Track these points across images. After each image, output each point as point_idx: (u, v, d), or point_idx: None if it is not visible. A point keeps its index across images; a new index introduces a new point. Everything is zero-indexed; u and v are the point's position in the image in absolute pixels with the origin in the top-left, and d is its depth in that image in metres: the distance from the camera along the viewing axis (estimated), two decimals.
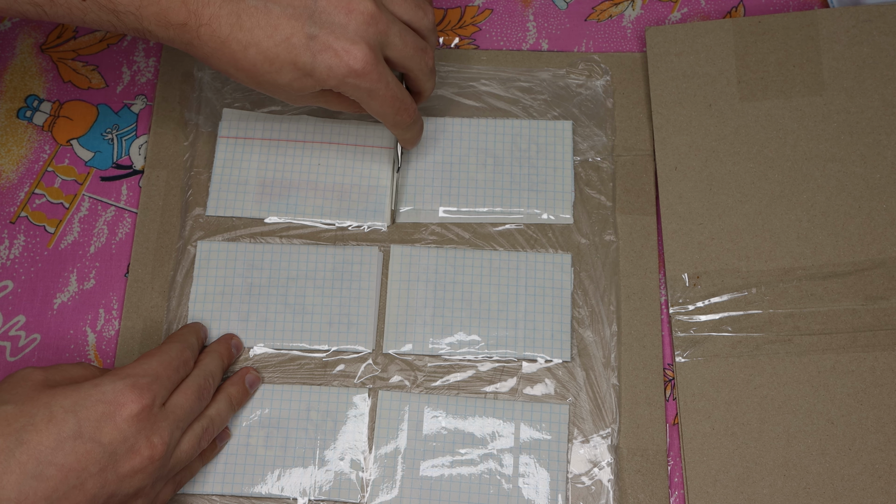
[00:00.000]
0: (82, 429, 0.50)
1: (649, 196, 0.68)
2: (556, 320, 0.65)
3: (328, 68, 0.56)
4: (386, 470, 0.62)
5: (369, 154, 0.69)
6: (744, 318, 0.64)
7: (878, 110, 0.67)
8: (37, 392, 0.51)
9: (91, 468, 0.50)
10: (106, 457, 0.50)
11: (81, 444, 0.50)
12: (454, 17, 0.73)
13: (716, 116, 0.68)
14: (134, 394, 0.52)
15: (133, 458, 0.52)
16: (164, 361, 0.56)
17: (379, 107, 0.59)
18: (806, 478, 0.61)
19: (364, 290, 0.66)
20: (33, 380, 0.52)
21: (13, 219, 0.68)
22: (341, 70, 0.56)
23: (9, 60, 0.72)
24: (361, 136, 0.69)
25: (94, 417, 0.51)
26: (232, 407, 0.61)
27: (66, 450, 0.49)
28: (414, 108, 0.61)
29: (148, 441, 0.52)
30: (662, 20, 0.73)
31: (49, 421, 0.50)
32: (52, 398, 0.51)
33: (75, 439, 0.50)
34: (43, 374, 0.53)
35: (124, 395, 0.52)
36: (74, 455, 0.49)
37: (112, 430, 0.51)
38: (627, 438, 0.63)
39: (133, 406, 0.52)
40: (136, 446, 0.52)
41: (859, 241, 0.65)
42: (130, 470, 0.52)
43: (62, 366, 0.55)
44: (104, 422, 0.51)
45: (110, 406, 0.52)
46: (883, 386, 0.62)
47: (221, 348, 0.62)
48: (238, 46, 0.55)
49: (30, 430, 0.49)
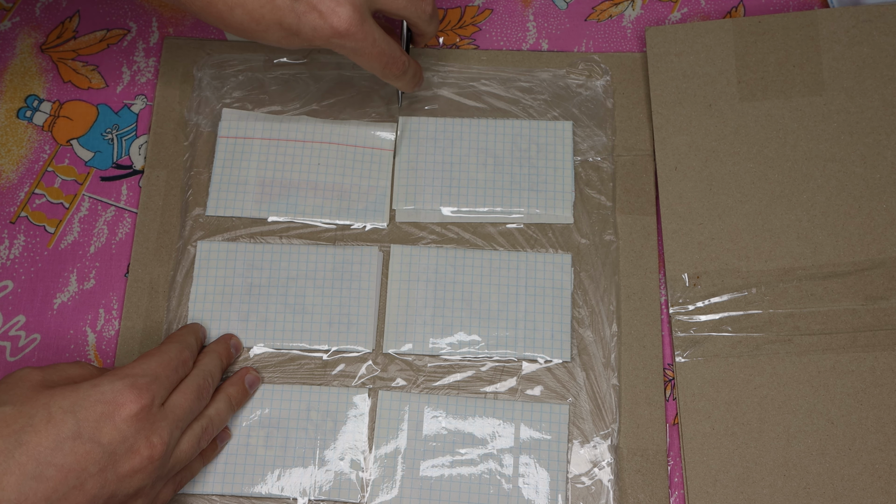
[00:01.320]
0: (81, 429, 0.50)
1: (649, 196, 0.68)
2: (556, 320, 0.65)
3: (313, 29, 0.56)
4: (386, 470, 0.62)
5: (369, 154, 0.69)
6: (744, 318, 0.64)
7: (878, 110, 0.67)
8: (35, 393, 0.51)
9: (91, 468, 0.50)
10: (105, 457, 0.50)
11: (81, 444, 0.50)
12: (454, 17, 0.73)
13: (716, 116, 0.68)
14: (133, 394, 0.52)
15: (132, 458, 0.52)
16: (163, 361, 0.56)
17: (367, 63, 0.60)
18: (806, 478, 0.61)
19: (364, 290, 0.66)
20: (31, 380, 0.52)
21: (13, 219, 0.68)
22: (326, 31, 0.56)
23: (9, 60, 0.72)
24: (361, 137, 0.69)
25: (93, 418, 0.51)
26: (231, 407, 0.61)
27: (66, 450, 0.49)
28: (402, 60, 0.62)
29: (147, 441, 0.52)
30: (662, 20, 0.73)
31: (48, 422, 0.50)
32: (50, 399, 0.51)
33: (74, 440, 0.50)
34: (41, 375, 0.53)
35: (123, 395, 0.52)
36: (74, 455, 0.49)
37: (111, 431, 0.51)
38: (627, 438, 0.63)
39: (132, 406, 0.52)
40: (135, 446, 0.52)
41: (859, 241, 0.65)
42: (130, 470, 0.51)
43: (60, 365, 0.55)
44: (103, 422, 0.51)
45: (109, 406, 0.51)
46: (883, 386, 0.62)
47: (220, 348, 0.62)
48: (224, 7, 0.56)
49: (29, 431, 0.49)
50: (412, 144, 0.69)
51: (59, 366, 0.55)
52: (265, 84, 0.71)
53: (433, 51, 0.72)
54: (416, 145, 0.69)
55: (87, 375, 0.55)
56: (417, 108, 0.70)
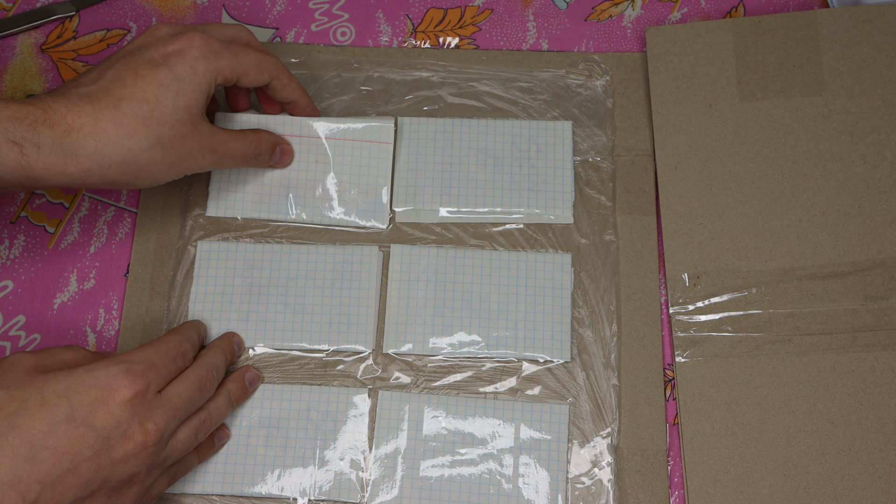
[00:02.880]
0: (75, 413, 0.50)
1: (649, 196, 0.68)
2: (556, 320, 0.65)
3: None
4: (386, 470, 0.62)
5: (367, 152, 0.69)
6: (744, 318, 0.64)
7: (878, 110, 0.67)
8: (28, 377, 0.51)
9: (84, 452, 0.50)
10: (99, 441, 0.50)
11: (74, 428, 0.50)
12: (454, 17, 0.73)
13: (716, 116, 0.68)
14: (127, 379, 0.52)
15: (126, 443, 0.51)
16: (161, 351, 0.56)
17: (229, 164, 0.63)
18: (806, 478, 0.61)
19: (364, 289, 0.66)
20: (25, 365, 0.52)
21: (13, 219, 0.68)
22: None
23: (9, 60, 0.72)
24: (360, 132, 0.69)
25: (87, 402, 0.51)
26: (231, 403, 0.61)
27: (59, 433, 0.49)
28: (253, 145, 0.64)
29: (142, 427, 0.52)
30: (662, 20, 0.73)
31: (41, 405, 0.50)
32: (44, 383, 0.51)
33: (68, 423, 0.50)
34: (34, 359, 0.53)
35: (118, 380, 0.52)
36: (67, 439, 0.49)
37: (105, 415, 0.51)
38: (627, 438, 0.63)
39: (126, 391, 0.52)
40: (129, 431, 0.52)
41: (859, 241, 0.65)
42: (124, 455, 0.51)
43: (53, 350, 0.55)
44: (97, 406, 0.51)
45: (103, 391, 0.51)
46: (883, 386, 0.62)
47: (224, 344, 0.62)
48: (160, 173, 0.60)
49: (22, 415, 0.49)
50: (412, 145, 0.69)
51: (52, 350, 0.55)
52: None
53: (433, 51, 0.72)
54: (416, 145, 0.69)
55: (81, 360, 0.55)
56: (417, 108, 0.70)
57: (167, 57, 0.57)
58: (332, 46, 0.72)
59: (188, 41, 0.58)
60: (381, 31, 0.73)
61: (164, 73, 0.57)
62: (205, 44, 0.58)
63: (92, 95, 0.55)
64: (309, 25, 0.73)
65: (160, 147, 0.57)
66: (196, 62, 0.58)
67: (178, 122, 0.57)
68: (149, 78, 0.56)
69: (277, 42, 0.72)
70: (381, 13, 0.73)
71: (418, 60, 0.71)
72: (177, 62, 0.57)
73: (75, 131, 0.54)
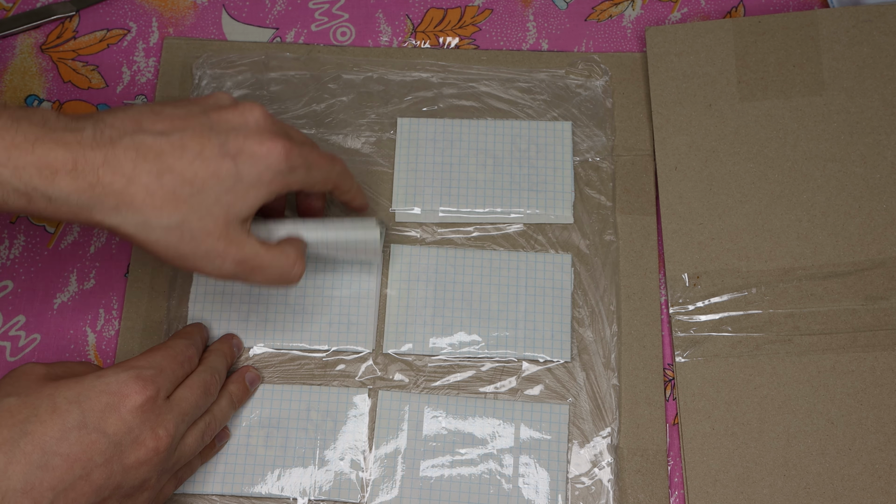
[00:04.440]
0: (87, 419, 0.50)
1: (649, 196, 0.68)
2: (556, 320, 0.65)
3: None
4: (386, 470, 0.62)
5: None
6: (744, 318, 0.64)
7: (878, 110, 0.67)
8: (40, 385, 0.51)
9: (96, 458, 0.50)
10: (111, 447, 0.50)
11: (86, 434, 0.50)
12: (454, 17, 0.73)
13: (716, 116, 0.68)
14: (138, 385, 0.52)
15: (138, 449, 0.52)
16: (169, 355, 0.56)
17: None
18: (806, 478, 0.61)
19: (364, 289, 0.66)
20: (36, 373, 0.52)
21: (13, 219, 0.68)
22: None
23: (9, 60, 0.72)
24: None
25: (98, 408, 0.51)
26: (233, 405, 0.61)
27: (71, 440, 0.49)
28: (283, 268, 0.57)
29: (153, 432, 0.52)
30: (662, 20, 0.73)
31: (53, 412, 0.50)
32: (55, 390, 0.51)
33: (80, 429, 0.50)
34: (45, 369, 0.53)
35: (128, 386, 0.52)
36: (79, 445, 0.49)
37: (117, 421, 0.51)
38: (627, 438, 0.63)
39: (137, 397, 0.52)
40: (140, 437, 0.52)
41: (859, 241, 0.65)
42: (136, 461, 0.51)
43: (65, 362, 0.55)
44: (109, 413, 0.51)
45: (114, 397, 0.51)
46: (883, 386, 0.62)
47: (225, 347, 0.62)
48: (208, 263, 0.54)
49: (34, 422, 0.49)
50: (412, 145, 0.69)
51: (63, 363, 0.55)
52: (265, 84, 0.71)
53: (433, 51, 0.72)
54: (416, 146, 0.69)
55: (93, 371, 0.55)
56: (417, 108, 0.70)
57: (240, 153, 0.52)
58: (332, 46, 0.72)
59: (270, 149, 0.53)
60: (381, 32, 0.73)
61: (227, 168, 0.52)
62: (285, 159, 0.53)
63: (142, 150, 0.50)
64: (309, 25, 0.73)
65: (178, 232, 0.51)
66: (267, 172, 0.53)
67: (209, 215, 0.52)
68: (209, 164, 0.51)
69: (277, 42, 0.73)
70: (381, 13, 0.73)
71: (418, 61, 0.71)
72: (246, 162, 0.52)
73: (100, 187, 0.49)
